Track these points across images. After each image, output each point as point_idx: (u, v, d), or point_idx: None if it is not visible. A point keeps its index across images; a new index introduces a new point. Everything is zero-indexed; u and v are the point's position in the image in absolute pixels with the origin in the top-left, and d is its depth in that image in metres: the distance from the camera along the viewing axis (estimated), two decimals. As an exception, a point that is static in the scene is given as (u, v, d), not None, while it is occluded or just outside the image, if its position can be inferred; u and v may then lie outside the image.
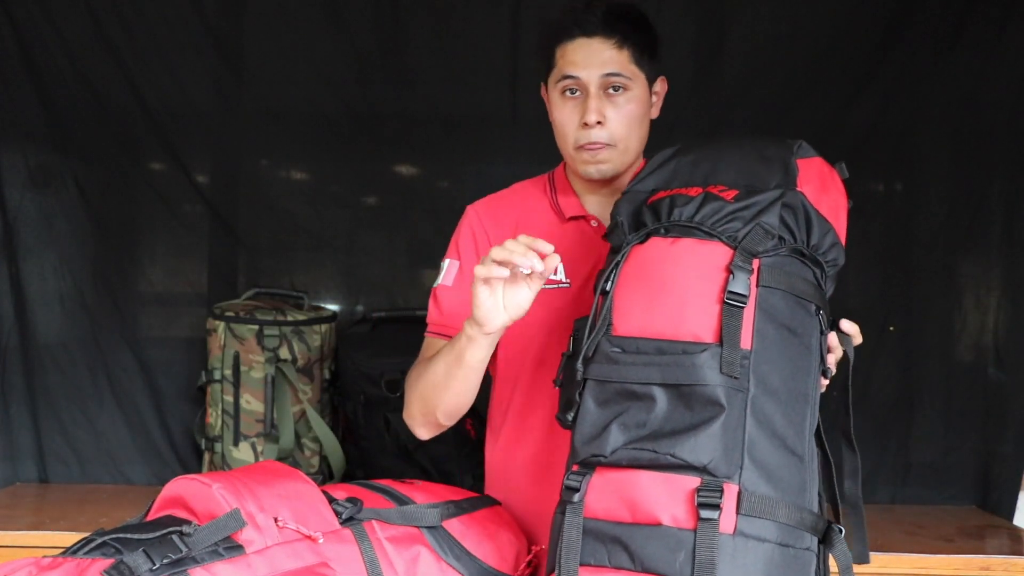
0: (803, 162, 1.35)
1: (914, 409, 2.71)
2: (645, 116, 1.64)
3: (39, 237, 2.74)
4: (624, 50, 1.57)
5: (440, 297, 1.70)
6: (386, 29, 2.80)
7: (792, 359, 1.25)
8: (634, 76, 1.59)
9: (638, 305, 1.28)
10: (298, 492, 1.34)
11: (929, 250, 2.73)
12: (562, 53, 1.60)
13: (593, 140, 1.59)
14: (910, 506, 2.66)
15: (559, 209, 1.71)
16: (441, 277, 1.72)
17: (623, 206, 1.40)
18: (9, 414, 2.70)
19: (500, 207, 1.74)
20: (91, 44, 2.70)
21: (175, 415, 2.76)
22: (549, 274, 1.41)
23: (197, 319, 2.75)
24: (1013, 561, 2.21)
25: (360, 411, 2.56)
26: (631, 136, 1.61)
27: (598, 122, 1.58)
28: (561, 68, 1.60)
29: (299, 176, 2.93)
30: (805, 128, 2.70)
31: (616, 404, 1.25)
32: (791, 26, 2.74)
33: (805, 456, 1.24)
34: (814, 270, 1.32)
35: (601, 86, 1.58)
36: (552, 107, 1.64)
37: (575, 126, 1.60)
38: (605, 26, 1.57)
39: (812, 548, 1.22)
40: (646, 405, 1.23)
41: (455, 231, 1.74)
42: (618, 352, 1.26)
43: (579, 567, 1.22)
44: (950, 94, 2.69)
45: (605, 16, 1.57)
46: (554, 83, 1.62)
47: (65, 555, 1.15)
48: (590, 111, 1.57)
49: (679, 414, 1.21)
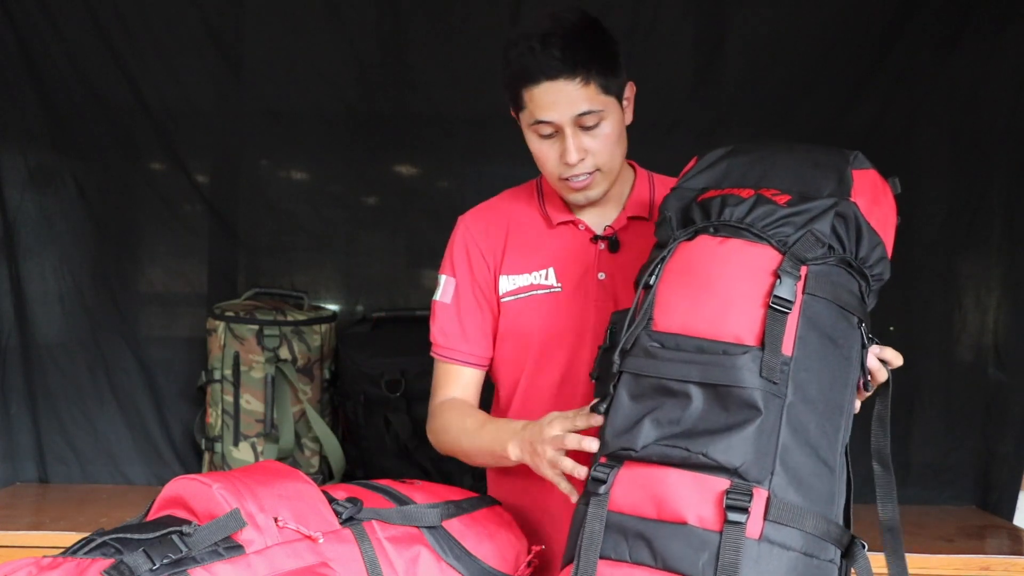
0: (858, 173, 1.34)
1: (914, 409, 2.71)
2: (623, 131, 1.63)
3: (39, 237, 2.74)
4: (591, 84, 1.53)
5: (439, 315, 1.73)
6: (386, 29, 2.80)
7: (832, 369, 1.25)
8: (605, 105, 1.56)
9: (682, 302, 1.27)
10: (298, 492, 1.34)
11: (929, 250, 2.73)
12: (530, 96, 1.56)
13: (578, 174, 1.59)
14: (910, 506, 2.66)
15: (547, 215, 1.72)
16: (439, 293, 1.74)
17: (672, 202, 1.38)
18: (9, 414, 2.70)
19: (490, 217, 1.74)
20: (91, 44, 2.71)
21: (175, 415, 2.76)
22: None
23: (197, 319, 2.75)
24: (1013, 561, 2.21)
25: (360, 411, 2.56)
26: (614, 157, 1.61)
27: (580, 159, 1.57)
28: (532, 111, 1.57)
29: (299, 176, 2.93)
30: (805, 128, 2.71)
31: (650, 399, 1.24)
32: (791, 26, 2.74)
33: (836, 468, 1.24)
34: (860, 282, 1.32)
35: (575, 124, 1.55)
36: (529, 141, 1.63)
37: (556, 163, 1.60)
38: (567, 66, 1.52)
39: (835, 561, 1.21)
40: (681, 403, 1.22)
41: (449, 243, 1.75)
42: (657, 347, 1.26)
43: (598, 559, 1.22)
44: (950, 94, 2.69)
45: (564, 54, 1.51)
46: (527, 124, 1.60)
47: (65, 555, 1.15)
48: (570, 151, 1.56)
49: (714, 414, 1.20)
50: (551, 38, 1.52)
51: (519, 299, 1.68)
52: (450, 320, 1.72)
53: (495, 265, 1.71)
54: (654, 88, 2.76)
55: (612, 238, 1.67)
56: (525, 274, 1.69)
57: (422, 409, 2.47)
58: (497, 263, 1.71)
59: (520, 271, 1.69)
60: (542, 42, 1.52)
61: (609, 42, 1.58)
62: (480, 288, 1.71)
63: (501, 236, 1.72)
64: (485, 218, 1.75)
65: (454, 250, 1.74)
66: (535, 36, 1.53)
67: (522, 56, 1.54)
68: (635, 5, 2.73)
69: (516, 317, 1.69)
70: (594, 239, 1.68)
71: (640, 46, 2.73)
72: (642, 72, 2.74)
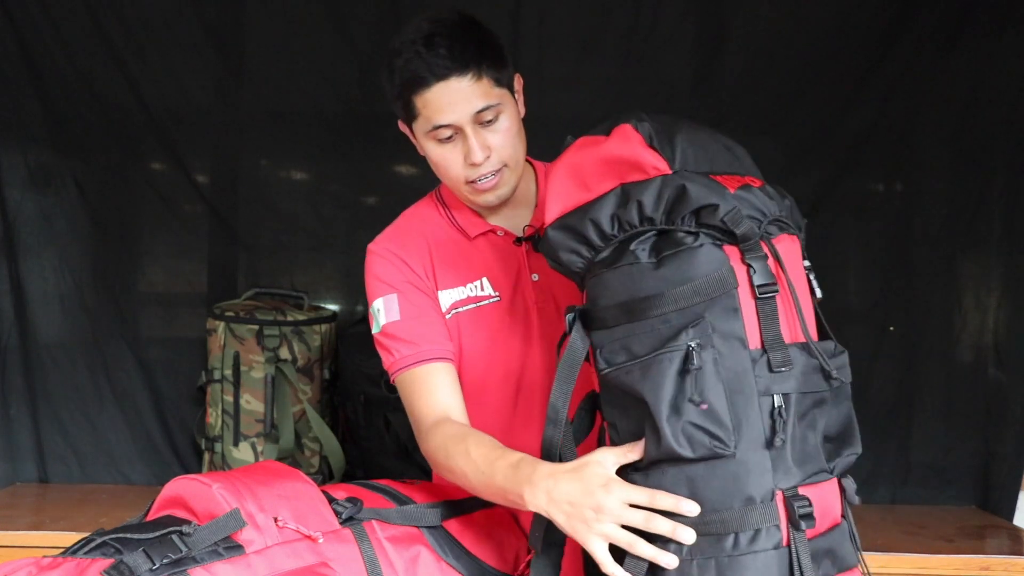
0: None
1: (914, 409, 2.71)
2: (521, 124, 1.60)
3: (39, 237, 2.73)
4: (483, 78, 1.50)
5: (396, 333, 1.60)
6: (386, 29, 2.80)
7: None
8: (500, 97, 1.53)
9: (791, 310, 1.23)
10: (298, 492, 1.34)
11: (929, 250, 2.73)
12: (423, 103, 1.51)
13: (484, 173, 1.55)
14: (910, 506, 2.66)
15: (461, 228, 1.67)
16: (382, 318, 1.61)
17: (723, 191, 1.23)
18: (9, 414, 2.70)
19: (404, 236, 1.67)
20: (91, 44, 2.70)
21: (175, 415, 2.76)
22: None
23: (197, 319, 2.75)
24: (1013, 561, 2.21)
25: (360, 411, 2.56)
26: (517, 150, 1.59)
27: (486, 157, 1.54)
28: (428, 117, 1.52)
29: (299, 176, 2.93)
30: (805, 128, 2.72)
31: (809, 414, 1.23)
32: (791, 26, 2.73)
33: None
34: None
35: (475, 122, 1.52)
36: (427, 151, 1.58)
37: (460, 166, 1.55)
38: (455, 63, 1.48)
39: None
40: (824, 410, 1.25)
41: (368, 271, 1.65)
42: (793, 360, 1.21)
43: None
44: (950, 94, 2.69)
45: (451, 51, 1.47)
46: (424, 132, 1.55)
47: (65, 555, 1.15)
48: (474, 150, 1.52)
49: (834, 416, 1.27)
50: (435, 39, 1.48)
51: (461, 312, 1.63)
52: (407, 331, 1.59)
53: (431, 282, 1.64)
54: (654, 88, 2.78)
55: (535, 237, 1.62)
56: (460, 287, 1.64)
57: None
58: (432, 281, 1.64)
59: (454, 284, 1.64)
60: (427, 44, 1.48)
61: (492, 35, 1.55)
62: (426, 295, 1.63)
63: (425, 254, 1.65)
64: (399, 238, 1.67)
65: (381, 272, 1.64)
66: (419, 40, 1.49)
67: (409, 62, 1.49)
68: (635, 5, 2.73)
69: (463, 332, 1.63)
70: (517, 242, 1.65)
71: (640, 46, 2.73)
72: (642, 72, 2.78)
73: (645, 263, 1.22)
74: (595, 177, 1.28)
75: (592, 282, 1.28)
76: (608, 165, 1.27)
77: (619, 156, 1.26)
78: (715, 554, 1.17)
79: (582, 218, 1.27)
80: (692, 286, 1.19)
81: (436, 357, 1.58)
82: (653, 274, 1.21)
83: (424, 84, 1.49)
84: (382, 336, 1.61)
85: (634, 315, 1.22)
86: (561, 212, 1.30)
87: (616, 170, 1.27)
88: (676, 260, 1.20)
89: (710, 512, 1.18)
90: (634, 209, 1.23)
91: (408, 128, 1.61)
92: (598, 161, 1.28)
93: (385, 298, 1.61)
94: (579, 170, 1.30)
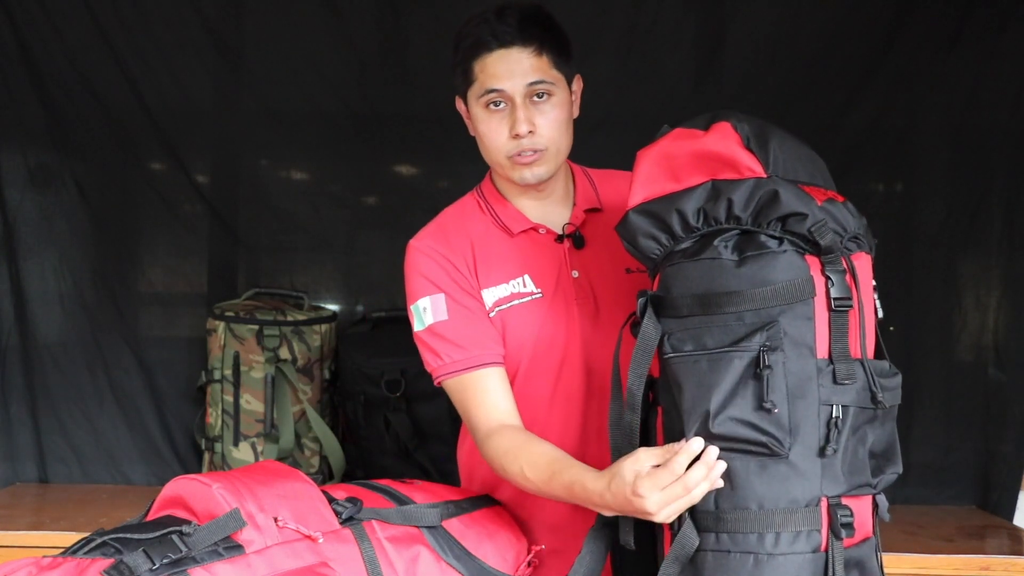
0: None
1: (914, 409, 2.71)
2: (570, 118, 1.63)
3: (39, 237, 2.73)
4: (543, 56, 1.56)
5: (444, 334, 1.60)
6: (386, 29, 2.80)
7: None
8: (556, 80, 1.58)
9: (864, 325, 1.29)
10: (298, 492, 1.34)
11: (929, 250, 2.73)
12: (482, 67, 1.57)
13: (526, 149, 1.58)
14: (910, 506, 2.66)
15: (504, 225, 1.68)
16: (429, 317, 1.61)
17: (811, 202, 1.25)
18: (9, 414, 2.70)
19: (448, 234, 1.68)
20: (91, 44, 2.70)
21: (175, 415, 2.76)
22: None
23: (197, 319, 2.75)
24: (1013, 561, 2.21)
25: (360, 411, 2.56)
26: (561, 139, 1.61)
27: (529, 131, 1.57)
28: (483, 82, 1.58)
29: (299, 176, 2.93)
30: (805, 128, 2.68)
31: (861, 429, 1.28)
32: (791, 26, 2.73)
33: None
34: None
35: (526, 95, 1.56)
36: (476, 121, 1.62)
37: (505, 138, 1.59)
38: (522, 34, 1.55)
39: None
40: (875, 427, 1.28)
41: (410, 270, 1.66)
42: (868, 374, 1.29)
43: None
44: (950, 94, 2.69)
45: (520, 24, 1.55)
46: (476, 97, 1.60)
47: (65, 555, 1.15)
48: (520, 121, 1.56)
49: (880, 434, 1.32)
50: (506, 11, 1.56)
51: (504, 309, 1.64)
52: (456, 334, 1.60)
53: (474, 280, 1.65)
54: (654, 88, 2.78)
55: (576, 235, 1.67)
56: (503, 284, 1.65)
57: (422, 409, 2.48)
58: (475, 279, 1.65)
59: (498, 282, 1.65)
60: (497, 15, 1.56)
61: (562, 29, 1.62)
62: (473, 298, 1.64)
63: (468, 252, 1.66)
64: (443, 237, 1.67)
65: (426, 270, 1.64)
66: (491, 11, 1.57)
67: (477, 27, 1.57)
68: (635, 5, 2.73)
69: (506, 328, 1.64)
70: (558, 239, 1.67)
71: (640, 46, 2.73)
72: (642, 72, 2.77)
73: (727, 259, 1.25)
74: (686, 169, 1.31)
75: (669, 270, 1.31)
76: (701, 159, 1.30)
77: (715, 152, 1.29)
78: (755, 549, 1.22)
79: (668, 207, 1.30)
80: (772, 289, 1.22)
81: (488, 362, 1.60)
82: (734, 272, 1.24)
83: (487, 48, 1.56)
84: (427, 335, 1.62)
85: (709, 308, 1.25)
86: (646, 198, 1.33)
87: (709, 165, 1.30)
88: (759, 261, 1.23)
89: (756, 507, 1.22)
90: (723, 206, 1.26)
91: (463, 100, 1.65)
92: (692, 154, 1.31)
93: (432, 297, 1.63)
94: (671, 160, 1.33)
